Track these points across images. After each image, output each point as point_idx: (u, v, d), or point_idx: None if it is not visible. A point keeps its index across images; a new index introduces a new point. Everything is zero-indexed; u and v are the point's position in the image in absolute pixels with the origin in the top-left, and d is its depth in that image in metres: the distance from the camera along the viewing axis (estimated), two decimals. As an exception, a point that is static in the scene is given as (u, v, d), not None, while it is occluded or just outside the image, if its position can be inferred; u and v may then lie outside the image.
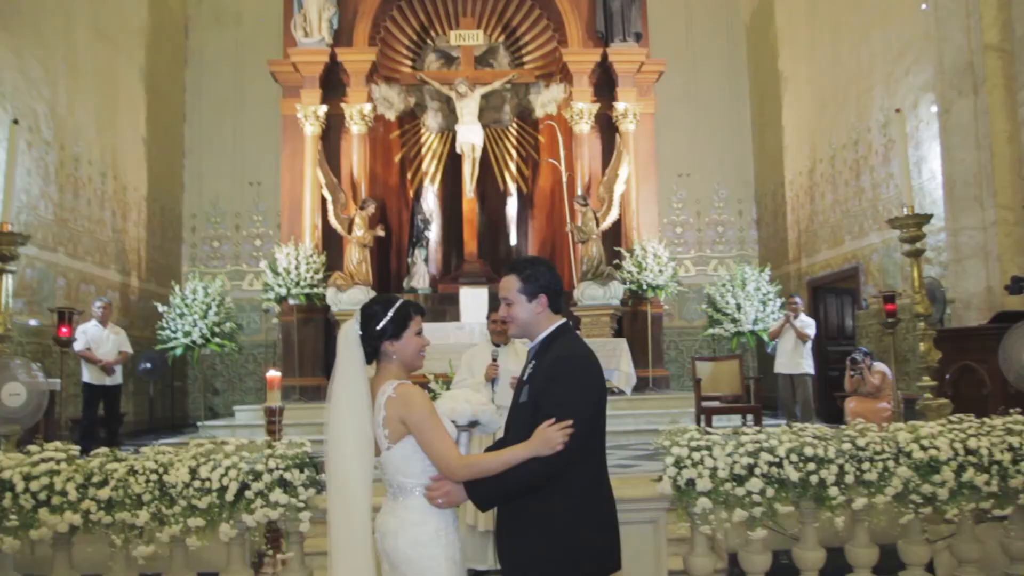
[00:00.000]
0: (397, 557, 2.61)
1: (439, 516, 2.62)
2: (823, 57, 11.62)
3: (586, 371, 2.67)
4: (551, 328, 2.78)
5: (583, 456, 2.60)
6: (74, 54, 10.43)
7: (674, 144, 13.84)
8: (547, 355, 2.71)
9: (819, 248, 11.85)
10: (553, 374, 2.63)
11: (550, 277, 2.79)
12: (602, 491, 2.72)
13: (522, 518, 2.63)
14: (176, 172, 13.86)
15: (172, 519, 3.55)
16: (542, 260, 2.90)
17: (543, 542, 2.58)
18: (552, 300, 2.78)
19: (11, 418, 4.18)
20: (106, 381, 8.38)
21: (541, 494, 2.58)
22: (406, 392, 2.62)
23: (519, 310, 2.77)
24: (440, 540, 2.60)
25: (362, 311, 2.76)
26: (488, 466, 2.55)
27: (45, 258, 9.32)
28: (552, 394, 2.59)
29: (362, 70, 11.79)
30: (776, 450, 3.76)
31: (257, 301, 13.14)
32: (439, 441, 2.56)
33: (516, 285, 2.77)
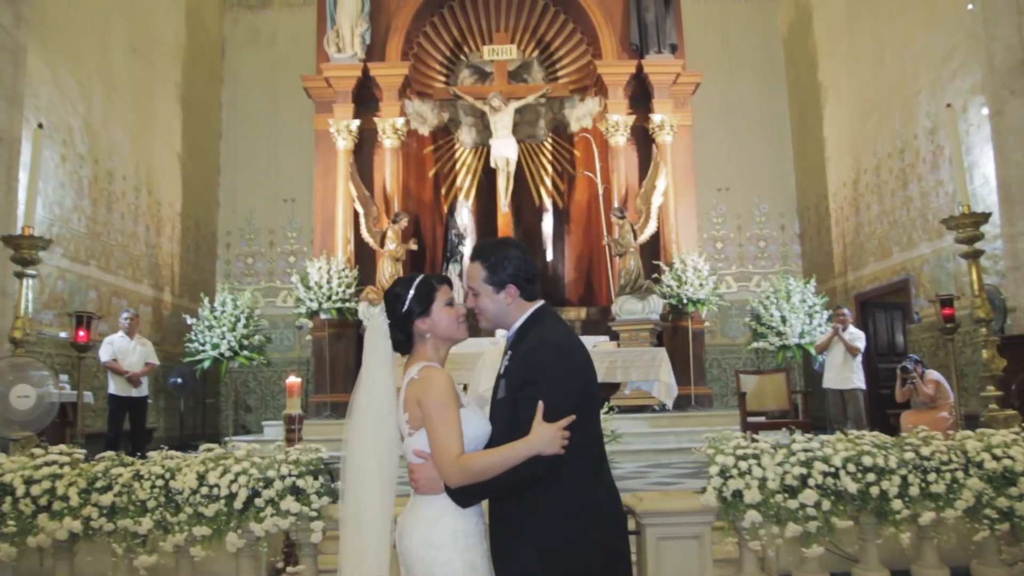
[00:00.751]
0: (410, 558, 2.32)
1: (458, 515, 2.32)
2: (865, 65, 11.27)
3: (563, 356, 2.36)
4: (525, 316, 2.49)
5: (576, 449, 2.29)
6: (110, 71, 10.45)
7: (713, 158, 13.54)
8: (522, 345, 2.43)
9: (866, 261, 11.42)
10: (527, 365, 2.34)
11: (519, 264, 2.47)
12: (603, 485, 2.40)
13: (515, 520, 2.32)
14: (211, 189, 13.87)
15: (176, 527, 3.32)
16: (511, 243, 2.58)
17: (543, 547, 2.28)
18: (523, 289, 2.48)
19: (19, 421, 4.00)
20: (132, 393, 8.27)
21: (535, 493, 2.28)
22: (429, 375, 2.36)
23: (487, 302, 2.48)
24: (458, 543, 2.30)
25: (385, 298, 2.53)
26: (483, 467, 2.25)
27: (77, 270, 9.27)
28: (529, 387, 2.29)
29: (395, 84, 11.69)
30: (831, 459, 3.44)
31: (291, 318, 13.00)
32: (445, 433, 2.28)
33: (481, 274, 2.48)
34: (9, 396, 3.94)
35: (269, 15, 14.53)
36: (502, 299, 2.46)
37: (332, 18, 11.77)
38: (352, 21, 11.67)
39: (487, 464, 2.25)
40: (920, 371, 7.75)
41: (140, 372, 8.38)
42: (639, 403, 9.40)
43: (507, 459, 2.23)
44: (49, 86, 8.95)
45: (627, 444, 7.63)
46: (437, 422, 2.29)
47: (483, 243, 2.61)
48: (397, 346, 2.48)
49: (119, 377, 8.27)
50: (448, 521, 2.31)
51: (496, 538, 2.37)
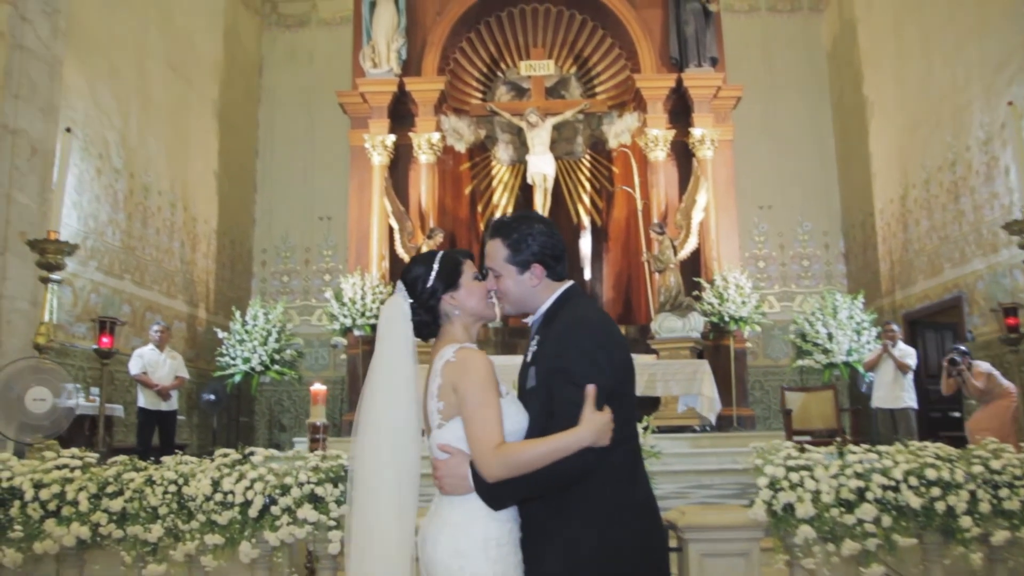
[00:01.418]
0: (434, 568, 2.06)
1: (490, 520, 2.06)
2: (912, 77, 10.94)
3: (601, 334, 2.12)
4: (552, 297, 2.24)
5: (612, 442, 2.04)
6: (147, 87, 10.51)
7: (754, 176, 13.26)
8: (551, 328, 2.18)
9: (915, 279, 11.02)
10: (561, 348, 2.09)
11: (545, 240, 2.23)
12: (640, 483, 2.16)
13: (545, 521, 2.08)
14: (247, 206, 13.88)
15: (188, 535, 3.14)
16: (535, 217, 2.33)
17: (576, 551, 2.03)
18: (550, 268, 2.23)
19: (34, 424, 3.87)
20: (162, 406, 8.19)
21: (568, 491, 2.04)
22: (467, 356, 2.11)
23: (510, 284, 2.24)
24: (489, 552, 2.03)
25: (403, 279, 2.28)
26: (527, 458, 1.98)
27: (111, 284, 9.25)
28: (564, 372, 2.05)
29: (430, 99, 11.61)
30: (891, 471, 3.16)
31: (326, 336, 12.91)
32: (485, 419, 2.02)
33: (502, 253, 2.23)
34: (25, 398, 3.82)
35: (307, 33, 14.61)
36: (527, 280, 2.23)
37: (368, 34, 11.76)
38: (388, 36, 11.64)
39: (532, 455, 1.99)
40: (968, 363, 7.33)
41: (170, 386, 8.30)
42: (679, 423, 9.09)
43: (555, 450, 1.98)
44: (86, 100, 8.99)
45: (667, 464, 7.31)
46: (476, 406, 2.04)
47: (503, 218, 2.35)
48: (420, 329, 2.23)
49: (148, 390, 8.19)
50: (479, 526, 2.05)
51: (524, 542, 2.12)
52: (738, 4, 14.30)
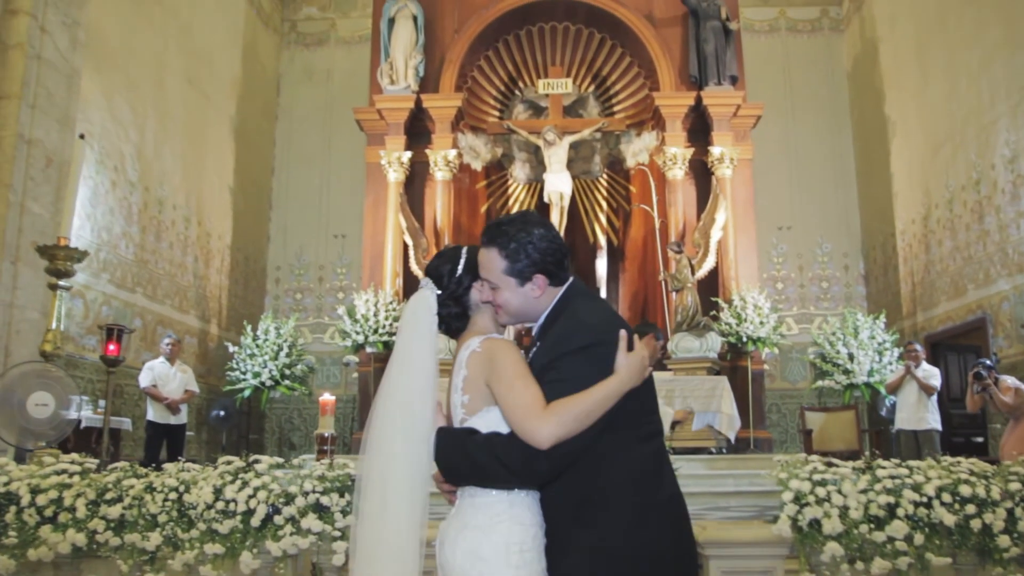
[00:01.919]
0: (452, 573, 1.93)
1: (514, 523, 1.92)
2: (936, 96, 10.81)
3: (599, 331, 1.96)
4: (554, 301, 2.07)
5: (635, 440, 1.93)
6: (164, 101, 10.52)
7: (773, 197, 13.13)
8: (551, 332, 2.03)
9: (937, 300, 10.82)
10: (559, 348, 1.94)
11: (546, 246, 2.04)
12: (667, 482, 2.00)
13: (567, 521, 1.93)
14: (262, 224, 13.86)
15: (187, 544, 3.01)
16: (533, 219, 2.11)
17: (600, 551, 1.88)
18: (553, 276, 2.05)
19: (35, 430, 3.77)
20: (171, 420, 8.10)
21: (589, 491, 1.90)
22: (494, 346, 1.99)
23: (508, 296, 2.06)
24: (511, 557, 1.89)
25: (429, 273, 2.17)
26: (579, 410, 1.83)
27: (123, 297, 9.20)
28: (559, 369, 1.90)
29: (447, 116, 11.56)
30: (923, 487, 3.00)
31: (338, 354, 12.82)
32: (523, 387, 1.88)
33: (499, 264, 2.04)
34: (27, 403, 3.72)
35: (325, 52, 14.66)
36: (528, 292, 2.05)
37: (386, 50, 11.74)
38: (406, 53, 11.62)
39: (583, 407, 1.85)
40: (994, 377, 7.05)
41: (179, 399, 8.21)
42: (695, 444, 8.90)
43: (603, 399, 1.86)
44: (103, 112, 9.00)
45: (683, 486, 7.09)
46: (512, 379, 1.91)
47: (498, 223, 2.13)
48: (448, 323, 2.12)
49: (158, 404, 8.11)
50: (502, 530, 1.91)
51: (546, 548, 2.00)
52: (758, 24, 14.25)
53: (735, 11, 11.83)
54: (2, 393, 3.72)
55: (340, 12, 14.89)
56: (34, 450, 3.76)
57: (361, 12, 14.54)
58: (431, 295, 2.12)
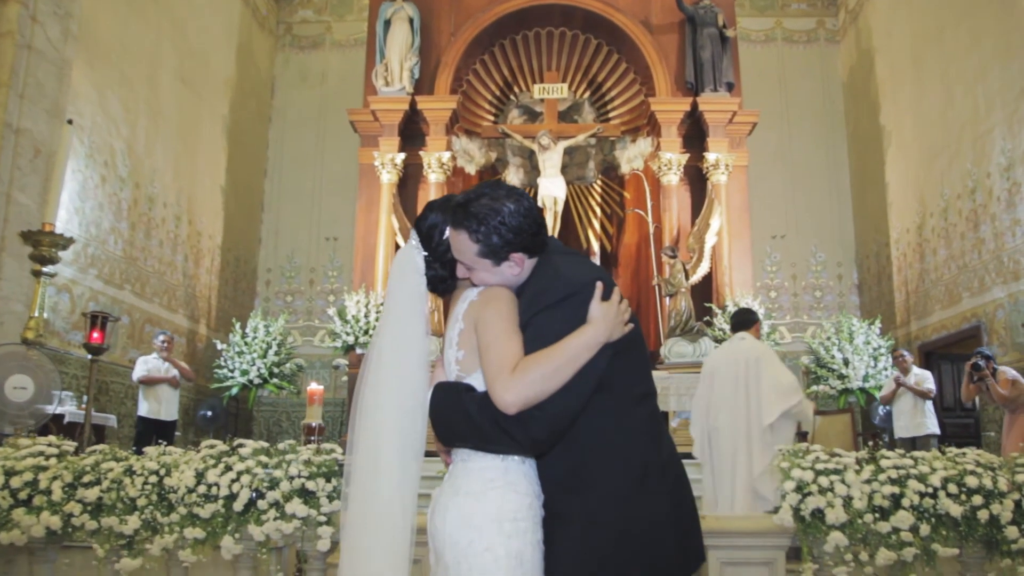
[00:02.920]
0: (440, 540, 1.83)
1: (508, 490, 1.81)
2: (932, 105, 10.80)
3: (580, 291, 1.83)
4: (529, 268, 1.94)
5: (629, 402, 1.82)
6: (156, 98, 10.42)
7: (768, 205, 13.12)
8: (528, 285, 1.92)
9: (932, 309, 10.77)
10: (536, 304, 1.83)
11: (520, 220, 1.88)
12: (665, 446, 1.89)
13: (559, 490, 1.83)
14: (254, 225, 13.75)
15: (167, 528, 2.90)
16: (503, 193, 1.93)
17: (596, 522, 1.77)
18: (531, 251, 1.92)
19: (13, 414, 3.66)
20: (162, 416, 7.97)
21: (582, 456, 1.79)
22: (489, 294, 1.88)
23: (486, 276, 1.93)
24: (503, 525, 1.78)
25: (417, 228, 2.06)
26: (548, 367, 1.71)
27: (111, 293, 9.06)
28: (534, 329, 1.78)
29: (442, 118, 11.49)
30: (928, 478, 2.91)
31: (328, 358, 12.71)
32: (504, 342, 1.77)
33: (470, 248, 1.90)
34: (5, 385, 3.61)
35: (320, 55, 14.59)
36: (505, 270, 1.91)
37: (382, 52, 11.68)
38: (401, 55, 11.56)
39: (551, 364, 1.72)
40: (992, 368, 6.89)
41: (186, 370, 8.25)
42: (685, 449, 8.78)
43: (575, 352, 1.74)
44: (93, 106, 8.89)
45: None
46: (496, 333, 1.79)
47: (464, 202, 1.94)
48: (435, 284, 2.01)
49: (151, 399, 8.01)
50: (494, 496, 1.80)
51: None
52: (754, 34, 14.27)
53: (732, 18, 11.83)
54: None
55: (336, 15, 14.84)
56: (12, 435, 3.65)
57: (356, 16, 14.50)
58: (417, 255, 2.02)
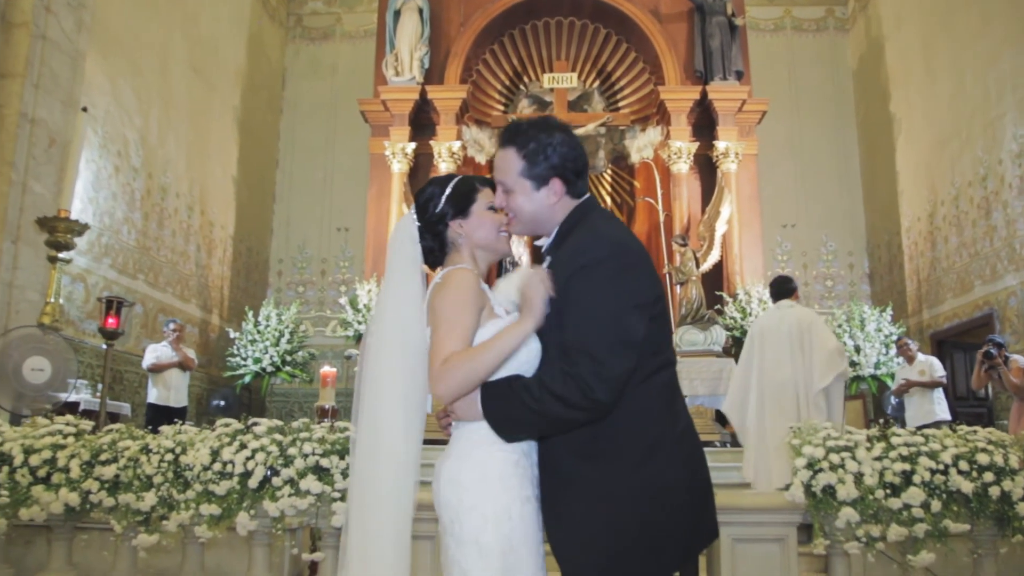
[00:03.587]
0: (437, 504, 1.87)
1: (493, 449, 1.84)
2: (942, 92, 10.75)
3: (619, 250, 1.84)
4: (569, 212, 1.96)
5: (640, 375, 1.79)
6: (168, 88, 10.47)
7: (778, 194, 13.08)
8: (563, 248, 1.92)
9: (943, 297, 10.74)
10: (573, 268, 1.81)
11: (567, 152, 1.92)
12: (680, 419, 1.88)
13: (569, 463, 1.82)
14: (266, 216, 13.81)
15: (183, 505, 2.94)
16: (555, 124, 2.00)
17: (607, 497, 1.76)
18: (570, 184, 1.94)
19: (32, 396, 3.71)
20: (171, 403, 8.03)
21: (593, 429, 1.78)
22: (452, 274, 1.93)
23: (522, 201, 1.95)
24: (489, 484, 1.81)
25: (416, 199, 2.12)
26: (476, 364, 1.78)
27: (124, 283, 9.13)
28: (575, 293, 1.78)
29: (452, 108, 11.50)
30: (939, 455, 2.92)
31: (340, 348, 12.76)
32: (446, 331, 1.83)
33: (516, 165, 1.93)
34: (23, 367, 3.65)
35: (330, 46, 14.62)
36: (543, 198, 1.94)
37: (392, 42, 11.69)
38: (411, 45, 11.57)
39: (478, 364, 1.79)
40: (1004, 355, 6.84)
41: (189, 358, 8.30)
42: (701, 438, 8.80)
43: (509, 348, 1.79)
44: (107, 96, 8.95)
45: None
46: (441, 319, 1.85)
47: (517, 123, 2.03)
48: (427, 256, 2.06)
49: (160, 385, 8.06)
50: (479, 455, 1.84)
51: (546, 488, 1.88)
52: (763, 23, 14.21)
53: (741, 7, 11.80)
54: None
55: (346, 7, 14.85)
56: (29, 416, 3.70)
57: (366, 7, 14.50)
58: (412, 225, 2.07)
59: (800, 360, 5.52)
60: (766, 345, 5.65)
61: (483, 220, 2.04)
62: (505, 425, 1.83)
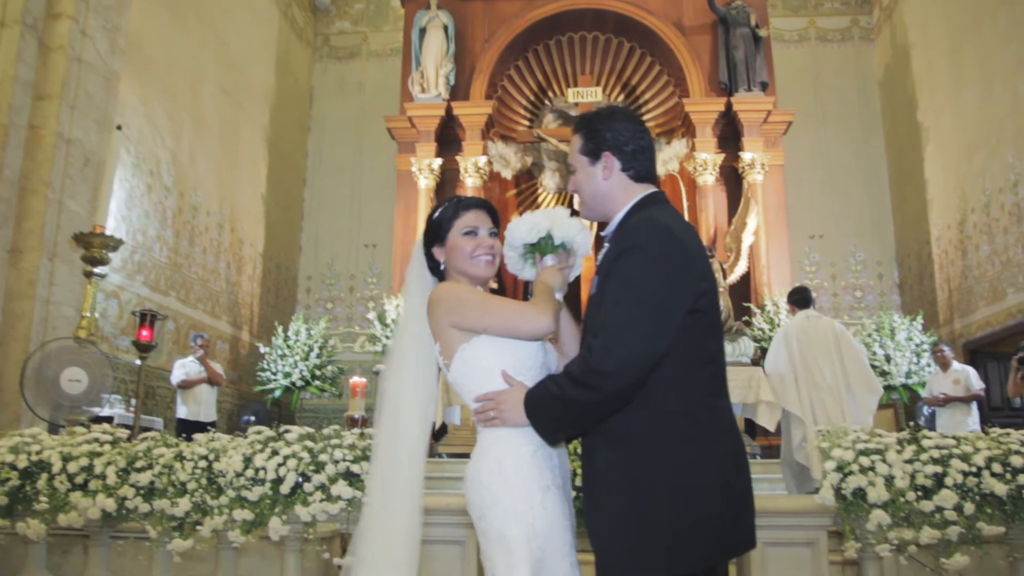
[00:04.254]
0: (468, 503, 1.91)
1: (509, 442, 1.88)
2: (970, 99, 10.66)
3: (662, 237, 1.84)
4: (632, 202, 1.99)
5: (690, 364, 1.82)
6: (199, 109, 10.66)
7: (805, 205, 13.02)
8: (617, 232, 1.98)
9: (976, 306, 10.60)
10: (620, 249, 1.85)
11: (622, 128, 1.98)
12: (724, 412, 1.88)
13: (608, 454, 1.83)
14: (294, 233, 13.97)
15: (216, 510, 2.99)
16: (620, 111, 2.07)
17: (644, 486, 1.76)
18: (625, 162, 1.98)
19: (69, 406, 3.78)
20: (201, 418, 8.13)
21: (635, 420, 1.79)
22: (439, 289, 2.01)
23: (581, 179, 2.04)
24: (506, 479, 1.84)
25: (429, 214, 2.22)
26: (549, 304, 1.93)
27: (156, 300, 9.28)
28: (615, 273, 1.82)
29: (478, 124, 11.59)
30: (972, 458, 2.89)
31: (368, 363, 12.82)
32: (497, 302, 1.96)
33: (577, 144, 2.04)
34: (60, 378, 3.74)
35: (357, 65, 14.81)
36: (598, 173, 2.00)
37: (417, 60, 11.83)
38: (437, 62, 11.70)
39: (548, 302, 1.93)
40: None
41: (218, 373, 8.39)
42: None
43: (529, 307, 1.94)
44: (140, 117, 9.13)
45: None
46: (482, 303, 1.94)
47: (586, 112, 2.15)
48: (437, 276, 2.16)
49: (189, 401, 8.16)
50: (495, 453, 1.89)
51: (584, 475, 1.91)
52: (788, 34, 14.20)
53: (764, 18, 11.80)
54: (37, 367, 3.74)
55: (372, 26, 15.05)
56: (66, 426, 3.78)
57: (392, 26, 14.69)
58: (419, 248, 2.20)
59: (840, 367, 6.17)
60: (804, 349, 6.06)
61: (455, 245, 2.09)
62: (541, 420, 1.86)
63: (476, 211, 2.14)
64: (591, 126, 2.03)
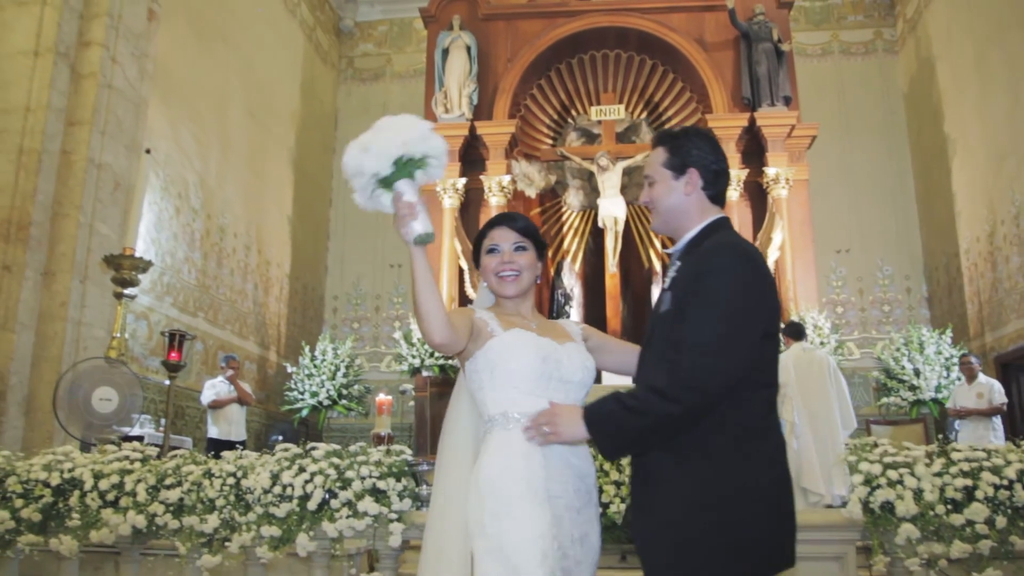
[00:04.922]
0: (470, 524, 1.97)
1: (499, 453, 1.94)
2: (997, 109, 10.56)
3: (747, 260, 1.91)
4: (703, 223, 2.05)
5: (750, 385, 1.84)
6: (226, 132, 10.83)
7: (831, 220, 12.93)
8: (695, 253, 2.00)
9: (1007, 319, 10.45)
10: (702, 269, 1.89)
11: (709, 150, 2.07)
12: (774, 433, 1.90)
13: (660, 468, 1.86)
14: (320, 254, 14.10)
15: (244, 527, 3.01)
16: (702, 131, 2.15)
17: (695, 502, 1.79)
18: (708, 182, 2.06)
19: (100, 425, 3.85)
20: (232, 437, 8.19)
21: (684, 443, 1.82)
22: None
23: (661, 190, 2.07)
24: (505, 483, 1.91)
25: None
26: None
27: (185, 321, 9.39)
28: (703, 291, 1.85)
29: (501, 143, 11.66)
30: (1003, 471, 2.86)
31: (395, 383, 12.87)
32: None
33: (661, 157, 2.08)
34: (92, 397, 3.80)
35: (381, 86, 14.97)
36: (680, 187, 2.06)
37: (440, 80, 11.94)
38: (460, 82, 11.80)
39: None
40: None
41: (247, 394, 8.46)
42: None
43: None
44: (168, 141, 9.29)
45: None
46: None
47: (668, 129, 2.27)
48: None
49: (220, 421, 8.23)
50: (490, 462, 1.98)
51: (638, 493, 1.94)
52: (811, 48, 14.17)
53: (787, 32, 11.78)
54: (69, 386, 3.81)
55: (395, 48, 15.22)
56: (97, 444, 3.84)
57: (415, 47, 14.84)
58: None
59: (834, 397, 6.66)
60: (801, 378, 6.34)
61: (484, 265, 2.19)
62: (605, 434, 1.89)
63: (498, 228, 2.19)
64: (677, 142, 2.09)
